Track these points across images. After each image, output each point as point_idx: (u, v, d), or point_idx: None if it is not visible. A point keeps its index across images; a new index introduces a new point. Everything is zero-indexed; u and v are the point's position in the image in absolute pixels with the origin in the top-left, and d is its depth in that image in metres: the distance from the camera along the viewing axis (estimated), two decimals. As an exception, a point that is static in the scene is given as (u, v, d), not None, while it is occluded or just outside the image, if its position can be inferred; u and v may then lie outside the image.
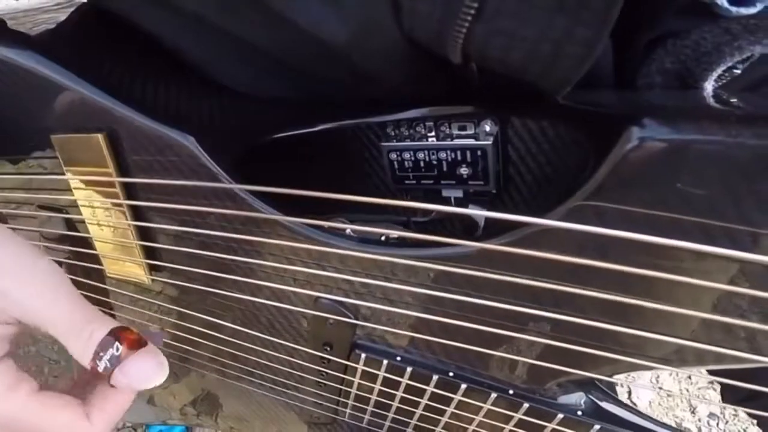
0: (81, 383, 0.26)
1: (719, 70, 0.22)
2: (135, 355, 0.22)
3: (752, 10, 0.20)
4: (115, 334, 0.22)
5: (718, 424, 0.85)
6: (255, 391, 0.40)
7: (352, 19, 0.22)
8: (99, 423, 0.23)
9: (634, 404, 0.88)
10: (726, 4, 0.20)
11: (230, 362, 0.37)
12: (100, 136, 0.27)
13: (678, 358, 0.22)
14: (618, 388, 0.86)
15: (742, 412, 0.80)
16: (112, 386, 0.22)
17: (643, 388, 0.88)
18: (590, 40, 0.19)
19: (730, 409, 0.85)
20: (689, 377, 0.86)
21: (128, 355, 0.22)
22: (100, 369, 0.22)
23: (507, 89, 0.24)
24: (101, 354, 0.21)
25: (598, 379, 0.26)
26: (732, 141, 0.17)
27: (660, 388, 0.88)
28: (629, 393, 0.88)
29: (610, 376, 0.24)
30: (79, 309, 0.22)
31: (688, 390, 0.88)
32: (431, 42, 0.22)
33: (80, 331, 0.22)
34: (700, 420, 0.86)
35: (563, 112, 0.25)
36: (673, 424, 0.88)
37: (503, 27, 0.20)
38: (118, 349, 0.22)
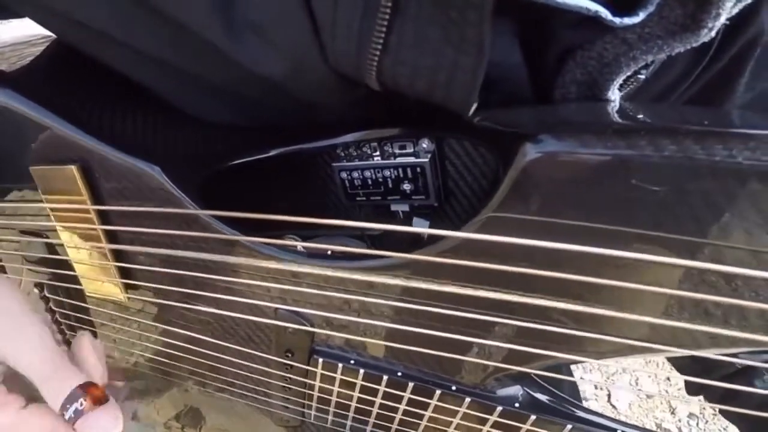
0: None
1: (619, 80, 0.24)
2: (95, 411, 0.26)
3: (636, 19, 0.21)
4: (83, 389, 0.26)
5: (698, 424, 0.86)
6: (236, 403, 0.42)
7: (286, 58, 0.25)
8: None
9: (614, 406, 0.90)
10: (610, 16, 0.20)
11: (210, 374, 0.39)
12: (73, 168, 0.30)
13: (595, 351, 0.24)
14: (597, 391, 0.88)
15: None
16: None
17: (623, 390, 0.90)
18: (473, 68, 0.21)
19: (709, 409, 0.86)
20: (668, 379, 0.88)
21: (90, 410, 0.26)
22: (66, 418, 0.26)
23: (437, 109, 0.26)
24: (67, 406, 0.26)
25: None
26: (610, 153, 0.20)
27: (639, 390, 0.90)
28: (609, 395, 0.89)
29: (542, 370, 0.27)
30: (53, 363, 0.27)
31: (667, 391, 0.90)
32: (354, 74, 0.25)
33: (50, 382, 0.26)
34: (680, 420, 0.87)
35: (481, 131, 0.28)
36: (654, 425, 0.89)
37: (406, 58, 0.23)
38: (81, 404, 0.26)
